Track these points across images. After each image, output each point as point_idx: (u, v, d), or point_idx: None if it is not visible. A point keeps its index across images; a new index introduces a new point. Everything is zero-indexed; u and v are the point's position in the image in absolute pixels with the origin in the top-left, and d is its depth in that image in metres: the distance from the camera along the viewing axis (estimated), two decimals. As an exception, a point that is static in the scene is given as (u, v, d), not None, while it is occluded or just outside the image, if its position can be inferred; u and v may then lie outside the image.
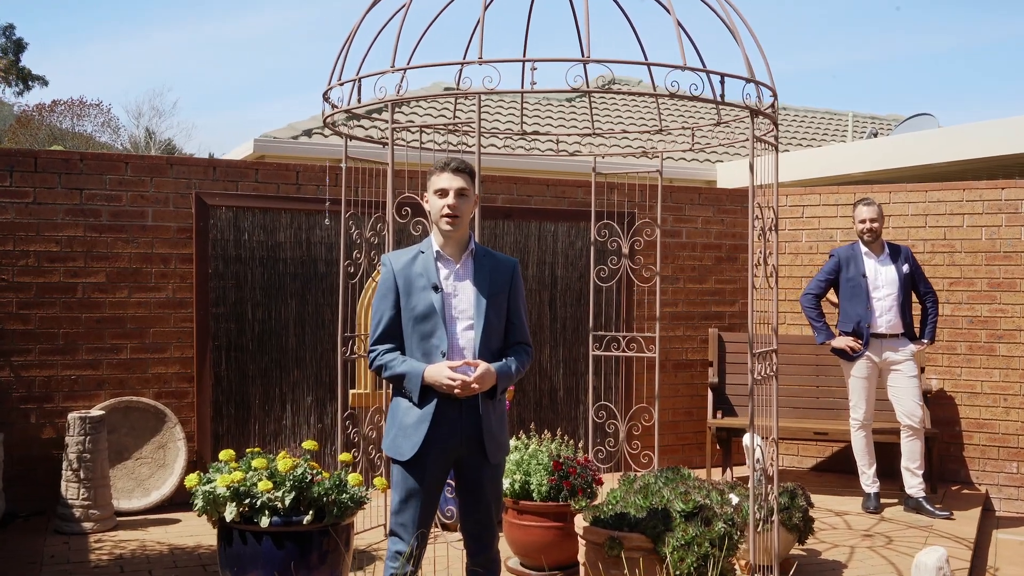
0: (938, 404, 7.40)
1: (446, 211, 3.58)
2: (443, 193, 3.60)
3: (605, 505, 4.57)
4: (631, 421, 6.40)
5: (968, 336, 7.39)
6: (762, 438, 4.88)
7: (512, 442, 5.18)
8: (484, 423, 3.58)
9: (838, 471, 7.91)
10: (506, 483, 5.00)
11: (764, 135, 4.65)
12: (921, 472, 6.50)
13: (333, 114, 5.03)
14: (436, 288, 3.58)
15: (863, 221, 6.55)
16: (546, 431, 5.33)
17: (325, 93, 5.00)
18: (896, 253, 6.62)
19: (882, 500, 6.68)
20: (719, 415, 7.48)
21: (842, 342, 6.54)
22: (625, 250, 6.20)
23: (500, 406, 3.69)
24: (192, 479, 4.15)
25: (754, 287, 4.47)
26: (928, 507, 6.43)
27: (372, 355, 3.64)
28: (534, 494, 5.01)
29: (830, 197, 7.98)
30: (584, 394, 7.47)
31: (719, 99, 4.20)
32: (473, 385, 3.47)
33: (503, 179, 7.63)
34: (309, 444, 4.44)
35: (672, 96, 4.10)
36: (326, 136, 10.93)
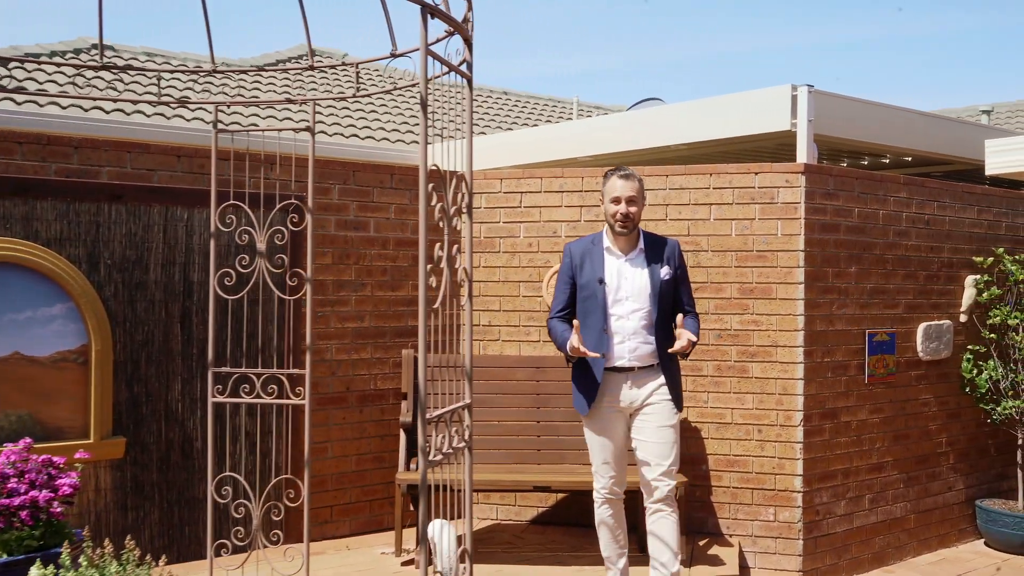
0: (681, 438, 5.95)
1: None
2: None
3: None
4: (268, 502, 4.38)
5: (716, 354, 6.02)
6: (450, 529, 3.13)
7: (35, 570, 3.07)
8: None
9: (564, 523, 6.33)
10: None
11: (456, 62, 2.84)
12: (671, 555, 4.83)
13: None
14: None
15: (616, 200, 4.49)
16: (107, 542, 3.26)
17: None
18: (656, 250, 4.61)
19: None
20: (413, 465, 5.67)
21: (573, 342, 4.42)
22: (261, 246, 4.19)
23: None
24: None
25: (430, 307, 2.65)
26: None
27: None
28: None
29: (553, 182, 6.38)
30: (233, 442, 5.39)
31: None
32: None
33: (111, 144, 5.40)
34: None
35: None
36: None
